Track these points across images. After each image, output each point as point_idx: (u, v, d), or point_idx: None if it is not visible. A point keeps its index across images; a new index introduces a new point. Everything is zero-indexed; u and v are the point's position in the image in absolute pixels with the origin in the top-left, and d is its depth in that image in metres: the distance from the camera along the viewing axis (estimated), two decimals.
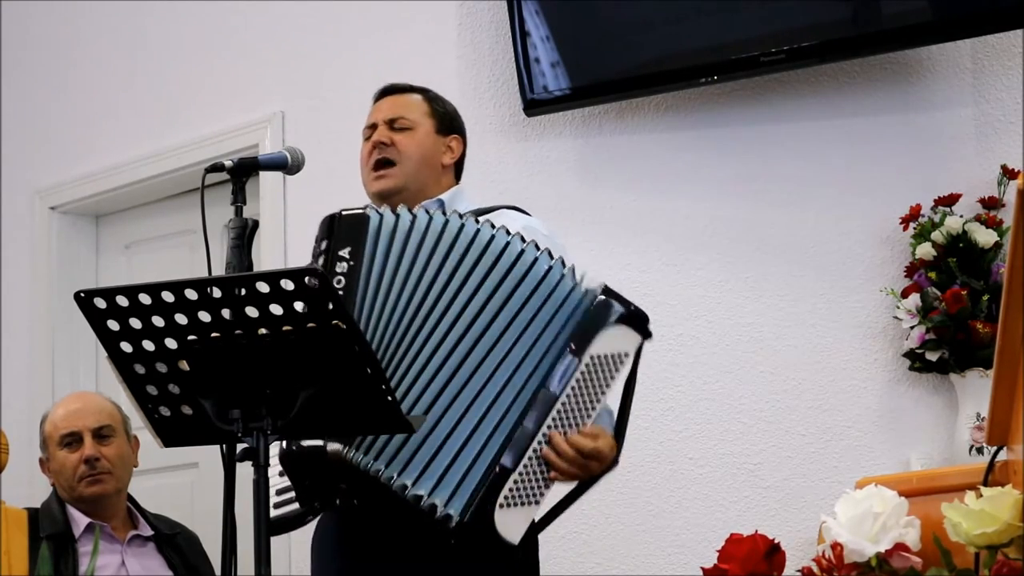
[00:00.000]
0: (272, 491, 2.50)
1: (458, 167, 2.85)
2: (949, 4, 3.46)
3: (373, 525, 2.53)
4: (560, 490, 2.52)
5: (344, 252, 2.51)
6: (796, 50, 3.48)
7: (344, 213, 2.57)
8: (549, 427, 2.43)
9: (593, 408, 2.47)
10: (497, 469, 2.38)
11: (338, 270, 2.48)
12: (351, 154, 2.90)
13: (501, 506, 2.38)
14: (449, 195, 2.75)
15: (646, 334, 2.52)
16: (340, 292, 2.44)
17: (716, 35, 3.59)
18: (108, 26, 4.88)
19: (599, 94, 3.77)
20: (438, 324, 2.45)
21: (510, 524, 2.38)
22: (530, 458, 2.42)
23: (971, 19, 3.37)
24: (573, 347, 2.45)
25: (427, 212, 2.53)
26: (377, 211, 2.55)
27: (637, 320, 2.51)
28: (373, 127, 2.79)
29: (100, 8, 4.90)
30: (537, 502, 2.42)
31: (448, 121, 2.84)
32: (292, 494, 2.49)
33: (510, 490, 2.39)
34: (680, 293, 3.71)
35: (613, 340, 2.48)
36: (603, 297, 2.49)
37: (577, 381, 2.45)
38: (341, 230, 2.54)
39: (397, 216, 2.52)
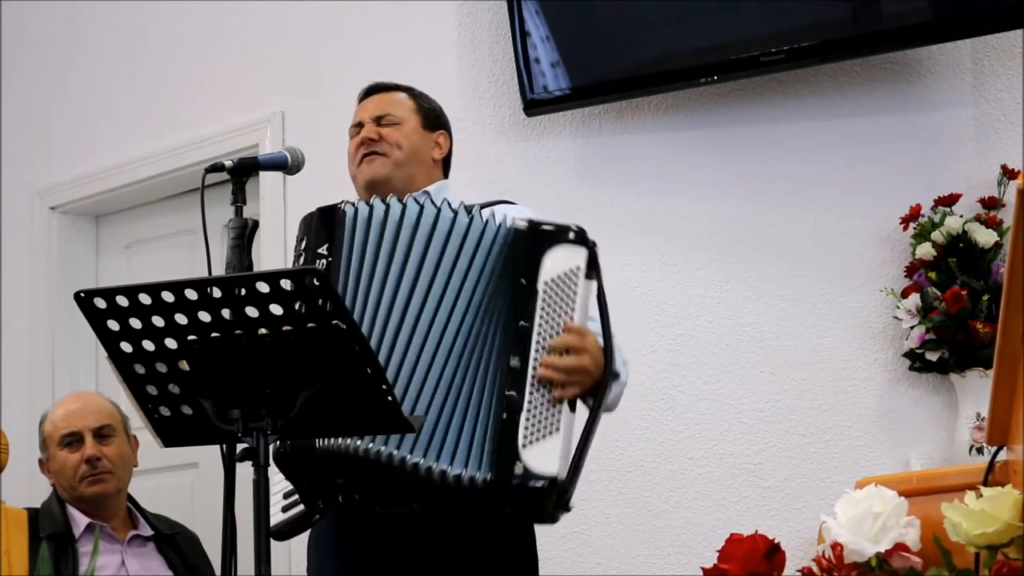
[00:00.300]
0: (280, 495, 2.51)
1: (446, 164, 2.87)
2: (949, 4, 3.46)
3: (370, 524, 2.53)
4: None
5: (322, 249, 2.52)
6: (796, 50, 3.48)
7: (320, 209, 2.58)
8: (535, 358, 2.44)
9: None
10: (504, 416, 2.39)
11: (317, 267, 2.49)
12: None
13: (524, 447, 2.37)
14: (435, 188, 2.76)
15: (588, 243, 2.52)
16: None
17: (716, 35, 3.59)
18: (108, 26, 4.88)
19: (599, 94, 3.77)
20: (396, 306, 2.47)
21: (542, 458, 2.36)
22: (531, 392, 2.42)
23: (971, 19, 3.36)
24: (524, 281, 2.47)
25: (399, 200, 2.54)
26: (352, 204, 2.55)
27: (571, 234, 2.51)
28: (360, 125, 2.80)
29: (100, 8, 4.90)
30: (558, 428, 2.41)
31: (434, 117, 2.85)
32: (297, 496, 2.50)
33: (526, 428, 2.38)
34: (680, 293, 3.71)
35: (558, 261, 2.49)
36: (530, 226, 2.51)
37: (542, 309, 2.46)
38: (318, 227, 2.55)
39: (371, 207, 2.53)
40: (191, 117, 4.60)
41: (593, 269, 2.52)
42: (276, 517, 2.50)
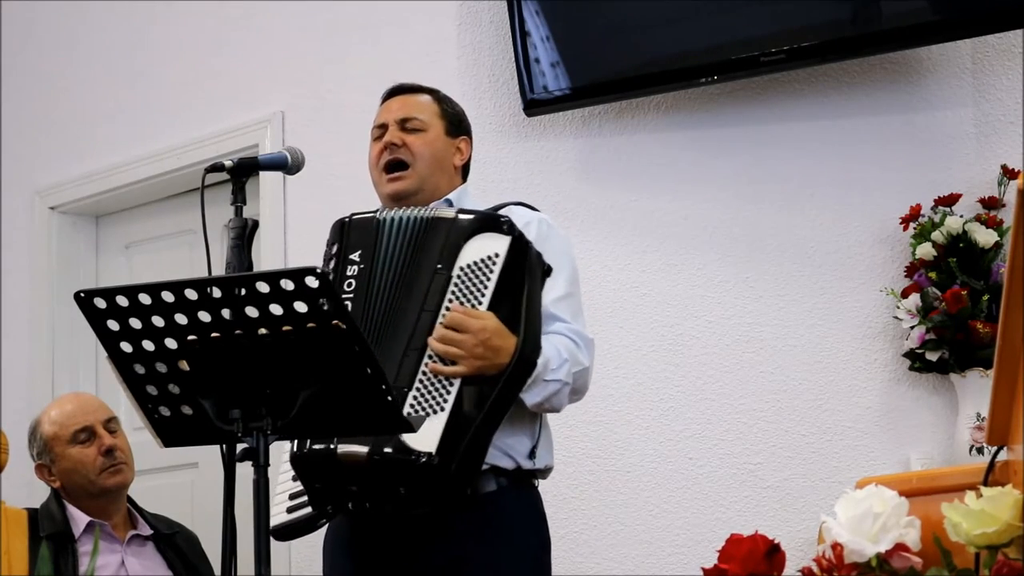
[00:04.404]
0: (286, 495, 2.51)
1: (465, 169, 2.87)
2: (949, 4, 3.46)
3: (385, 526, 2.53)
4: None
5: (355, 255, 2.55)
6: (796, 50, 3.48)
7: (354, 217, 2.62)
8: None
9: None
10: (393, 393, 2.39)
11: (349, 273, 2.53)
12: (351, 154, 2.91)
13: None
14: (456, 194, 2.77)
15: (512, 232, 2.51)
16: (352, 295, 2.50)
17: (716, 35, 3.59)
18: (108, 26, 4.88)
19: (599, 94, 3.77)
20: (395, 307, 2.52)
21: (419, 434, 2.34)
22: (424, 373, 2.43)
23: (971, 19, 3.37)
24: (440, 266, 2.50)
25: (431, 210, 2.59)
26: (385, 213, 2.59)
27: (495, 223, 2.52)
28: (383, 127, 2.77)
29: (100, 8, 4.90)
30: (443, 408, 2.40)
31: (457, 122, 2.84)
32: (305, 497, 2.49)
33: (411, 405, 2.39)
34: (680, 293, 3.71)
35: (480, 247, 2.50)
36: (457, 213, 2.55)
37: (452, 293, 2.47)
38: (352, 234, 2.59)
39: (402, 218, 2.57)
40: (191, 117, 4.59)
41: (520, 259, 2.50)
42: (280, 517, 2.50)
